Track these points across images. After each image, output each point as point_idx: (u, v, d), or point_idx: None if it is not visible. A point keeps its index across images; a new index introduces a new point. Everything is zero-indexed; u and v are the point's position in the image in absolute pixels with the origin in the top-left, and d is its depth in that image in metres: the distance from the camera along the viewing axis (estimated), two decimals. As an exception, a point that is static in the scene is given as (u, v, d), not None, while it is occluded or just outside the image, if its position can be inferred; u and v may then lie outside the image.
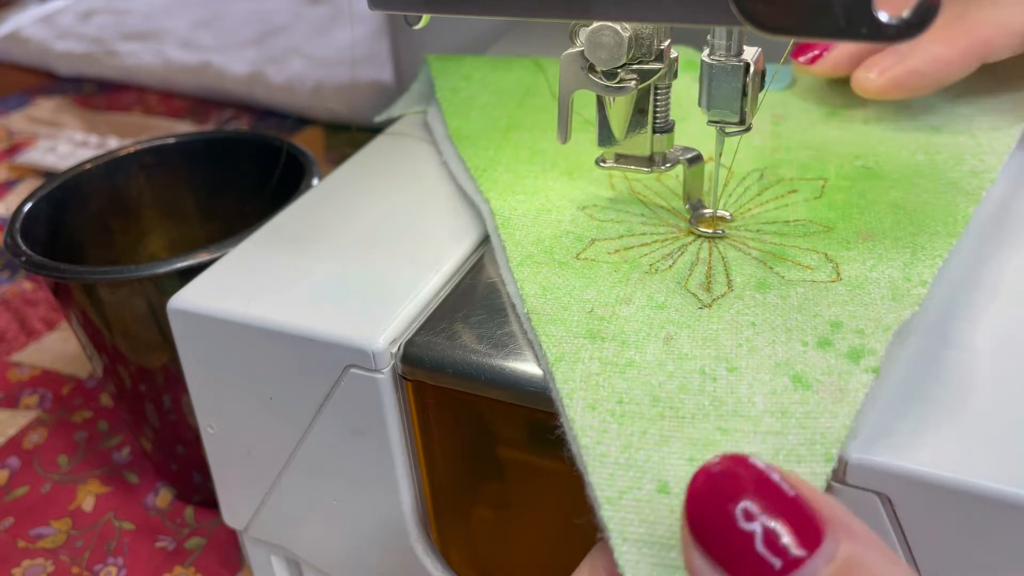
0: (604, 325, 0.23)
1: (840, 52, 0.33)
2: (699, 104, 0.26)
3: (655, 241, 0.27)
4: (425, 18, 0.25)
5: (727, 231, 0.27)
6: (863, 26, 0.19)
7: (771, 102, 0.34)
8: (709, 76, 0.25)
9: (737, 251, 0.26)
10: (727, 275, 0.25)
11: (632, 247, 0.27)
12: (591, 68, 0.26)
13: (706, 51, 0.25)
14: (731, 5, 0.20)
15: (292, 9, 0.99)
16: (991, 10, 0.29)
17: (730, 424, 0.20)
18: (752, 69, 0.25)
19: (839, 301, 0.23)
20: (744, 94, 0.25)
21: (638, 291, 0.25)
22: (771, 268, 0.25)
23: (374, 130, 0.39)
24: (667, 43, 0.26)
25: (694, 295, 0.24)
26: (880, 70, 0.31)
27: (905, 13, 0.18)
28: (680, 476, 0.19)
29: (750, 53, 0.25)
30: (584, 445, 0.20)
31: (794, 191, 0.29)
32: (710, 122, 0.26)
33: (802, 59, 0.34)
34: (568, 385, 0.22)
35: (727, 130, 0.26)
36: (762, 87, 0.26)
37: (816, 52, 0.33)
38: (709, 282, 0.25)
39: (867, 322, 0.22)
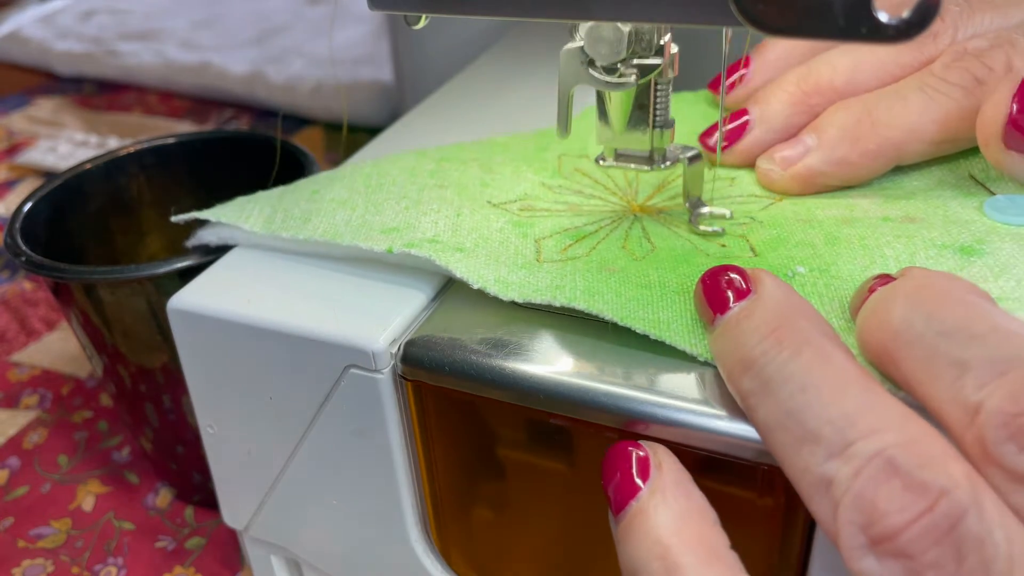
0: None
1: (752, 142, 0.30)
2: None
3: (598, 230, 0.28)
4: (424, 18, 0.25)
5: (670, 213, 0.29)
6: (863, 26, 0.19)
7: None
8: None
9: (663, 227, 0.28)
10: (651, 242, 0.27)
11: (571, 244, 0.27)
12: (591, 63, 0.26)
13: None
14: (731, 5, 0.20)
15: (292, 9, 0.99)
16: (902, 114, 0.27)
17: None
18: None
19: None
20: None
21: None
22: (692, 242, 0.27)
23: (374, 130, 0.39)
24: (667, 38, 0.26)
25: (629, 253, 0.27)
26: (784, 163, 0.29)
27: (905, 13, 0.18)
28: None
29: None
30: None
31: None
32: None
33: (711, 141, 0.31)
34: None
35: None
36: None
37: (723, 143, 0.31)
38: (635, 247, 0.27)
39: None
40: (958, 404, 0.18)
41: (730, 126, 0.31)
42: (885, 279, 0.22)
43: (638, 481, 0.21)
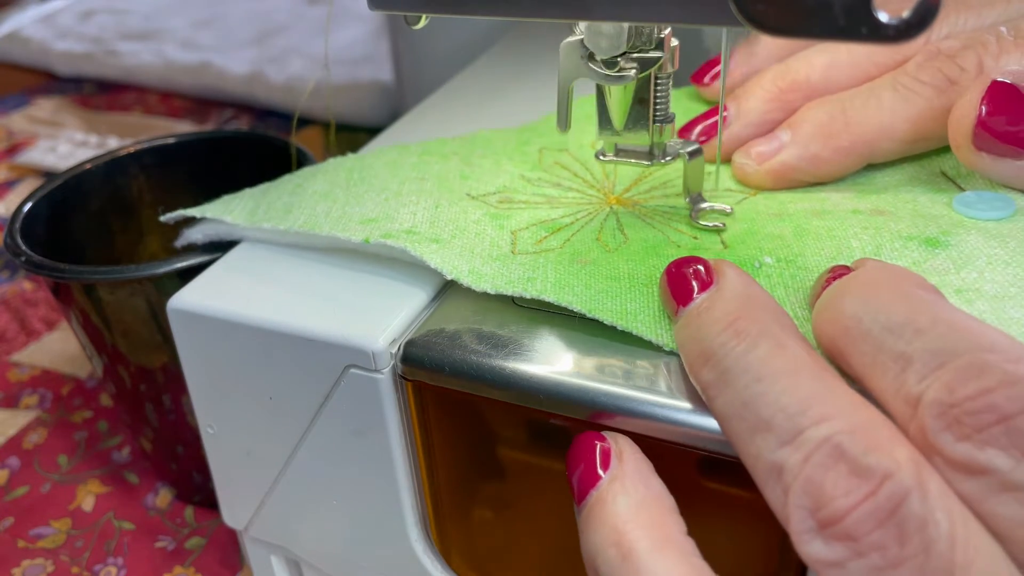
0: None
1: (728, 137, 0.31)
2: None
3: (572, 223, 0.29)
4: (424, 18, 0.25)
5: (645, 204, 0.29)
6: (863, 26, 0.19)
7: None
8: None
9: (638, 219, 0.28)
10: (624, 234, 0.28)
11: (545, 237, 0.28)
12: (590, 57, 0.26)
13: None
14: (731, 5, 0.20)
15: (292, 9, 0.99)
16: (875, 112, 0.28)
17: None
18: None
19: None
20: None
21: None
22: (664, 234, 0.27)
23: (374, 130, 0.39)
24: (667, 32, 0.26)
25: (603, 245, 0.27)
26: (760, 158, 0.29)
27: (905, 13, 0.18)
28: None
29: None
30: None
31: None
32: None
33: (692, 136, 0.32)
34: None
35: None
36: None
37: (703, 137, 0.31)
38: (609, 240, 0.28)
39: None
40: (901, 397, 0.18)
41: (707, 121, 0.32)
42: (841, 271, 0.22)
43: (600, 471, 0.21)
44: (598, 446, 0.22)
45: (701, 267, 0.23)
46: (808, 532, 0.18)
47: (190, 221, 0.32)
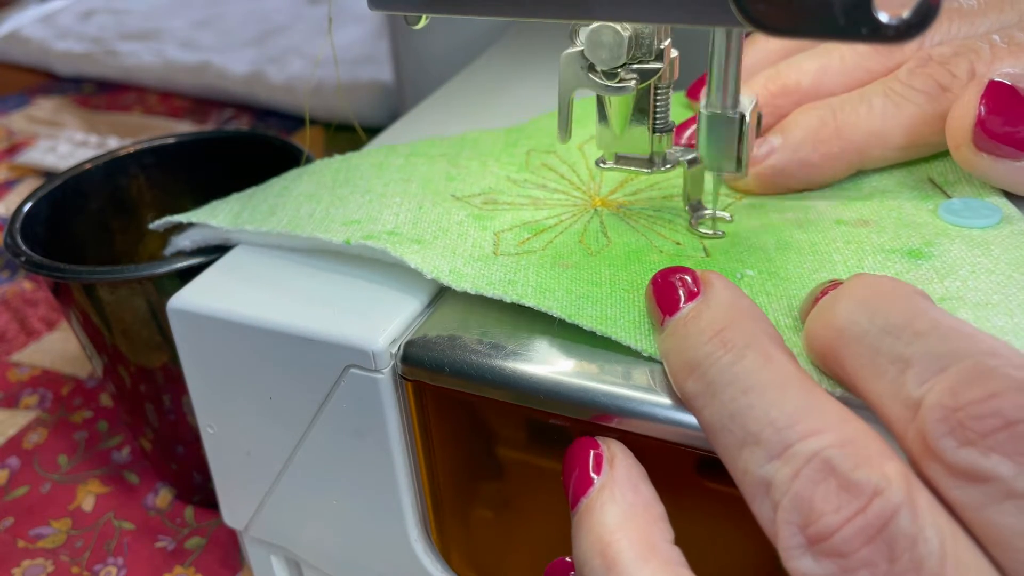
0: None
1: None
2: (698, 152, 0.27)
3: (556, 224, 0.29)
4: (424, 18, 0.25)
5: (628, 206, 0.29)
6: (863, 26, 0.19)
7: None
8: (707, 126, 0.26)
9: (622, 222, 0.28)
10: (607, 237, 0.28)
11: (528, 238, 0.28)
12: (591, 68, 0.26)
13: (703, 101, 0.26)
14: (731, 5, 0.20)
15: (292, 9, 0.99)
16: (866, 118, 0.28)
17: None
18: (748, 119, 0.25)
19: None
20: (741, 141, 0.26)
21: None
22: (647, 238, 0.27)
23: (374, 130, 0.39)
24: (667, 43, 0.26)
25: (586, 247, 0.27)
26: (749, 163, 0.28)
27: (905, 13, 0.18)
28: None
29: (746, 102, 0.26)
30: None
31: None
32: (709, 168, 0.27)
33: (681, 140, 0.32)
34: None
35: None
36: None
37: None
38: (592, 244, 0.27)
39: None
40: (900, 400, 0.18)
41: (695, 126, 0.31)
42: (834, 284, 0.22)
43: (593, 475, 0.22)
44: (591, 452, 0.22)
45: (688, 277, 0.22)
46: (797, 548, 0.18)
47: (180, 227, 0.32)
